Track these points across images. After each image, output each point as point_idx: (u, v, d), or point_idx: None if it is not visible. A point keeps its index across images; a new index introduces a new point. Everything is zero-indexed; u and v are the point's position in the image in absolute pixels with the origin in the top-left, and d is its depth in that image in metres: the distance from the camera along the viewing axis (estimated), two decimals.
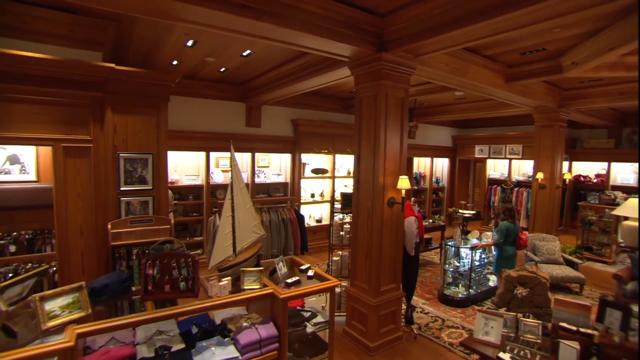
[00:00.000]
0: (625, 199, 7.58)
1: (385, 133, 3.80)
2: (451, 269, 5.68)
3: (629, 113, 9.48)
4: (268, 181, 8.01)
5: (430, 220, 7.64)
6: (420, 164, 11.34)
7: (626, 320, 2.57)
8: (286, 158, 8.25)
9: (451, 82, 5.02)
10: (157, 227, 4.18)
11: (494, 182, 10.60)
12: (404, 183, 3.66)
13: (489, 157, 10.50)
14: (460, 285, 5.73)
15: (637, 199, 5.94)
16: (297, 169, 8.07)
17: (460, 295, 5.49)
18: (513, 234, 5.07)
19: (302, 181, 8.24)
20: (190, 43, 4.41)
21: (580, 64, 4.41)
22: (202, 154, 7.08)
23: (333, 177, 8.60)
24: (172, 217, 5.50)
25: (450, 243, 5.73)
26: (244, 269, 2.80)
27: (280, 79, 5.81)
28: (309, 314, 3.24)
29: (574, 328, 2.60)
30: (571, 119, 8.87)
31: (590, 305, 2.76)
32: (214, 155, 7.35)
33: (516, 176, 10.16)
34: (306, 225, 8.31)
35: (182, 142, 6.60)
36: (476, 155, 10.81)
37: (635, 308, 2.65)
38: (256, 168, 7.84)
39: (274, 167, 8.35)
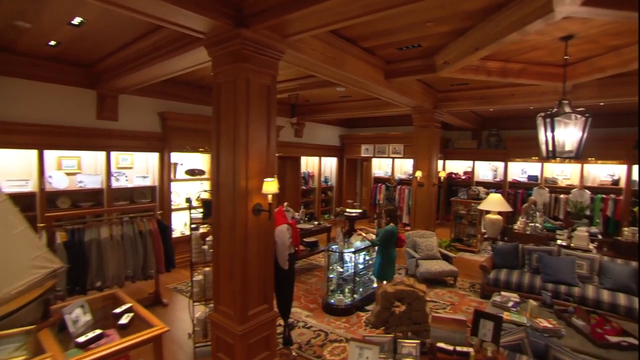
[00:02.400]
0: (487, 193, 8.35)
1: (248, 127, 3.15)
2: (332, 276, 5.33)
3: (487, 117, 10.63)
4: (131, 185, 6.71)
5: (317, 222, 7.29)
6: (309, 163, 11.07)
7: (497, 330, 2.38)
8: (154, 158, 7.04)
9: (329, 74, 4.63)
10: None
11: (379, 180, 10.90)
12: (270, 187, 3.06)
13: (374, 156, 10.75)
14: (346, 290, 5.44)
15: (497, 195, 6.47)
16: (166, 170, 6.93)
17: (345, 302, 5.18)
18: (395, 236, 4.93)
19: (174, 184, 7.14)
20: None
21: (450, 64, 4.42)
22: (34, 153, 5.49)
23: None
24: None
25: (332, 247, 5.38)
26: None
27: (133, 61, 4.73)
28: None
29: (451, 348, 2.31)
30: (444, 120, 9.51)
31: (466, 320, 2.53)
32: (52, 154, 5.81)
33: (399, 174, 10.59)
34: (181, 235, 7.25)
35: None
36: (362, 155, 10.98)
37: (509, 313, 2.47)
38: (114, 170, 6.49)
39: (138, 168, 7.05)
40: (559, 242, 6.13)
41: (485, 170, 10.76)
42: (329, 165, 11.81)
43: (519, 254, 5.81)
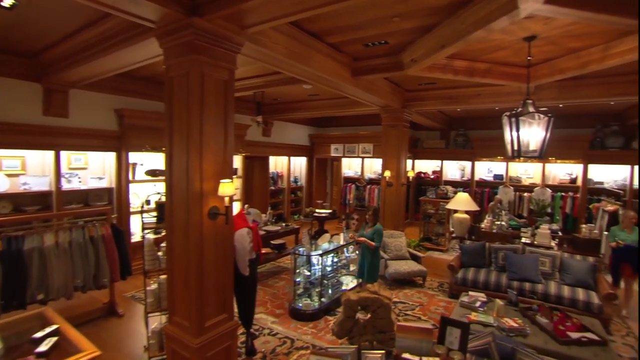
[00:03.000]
0: (455, 193, 8.45)
1: (202, 124, 2.91)
2: (299, 280, 5.16)
3: (455, 118, 10.79)
4: (85, 187, 6.25)
5: (284, 224, 7.09)
6: (278, 163, 10.85)
7: (465, 338, 2.29)
8: (111, 157, 6.60)
9: (294, 70, 4.45)
10: None
11: (349, 180, 10.82)
12: (226, 189, 2.85)
13: (344, 156, 10.67)
14: (314, 293, 5.28)
15: (464, 194, 6.52)
16: (124, 170, 6.52)
17: (313, 307, 5.01)
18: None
19: (134, 186, 6.73)
20: None
21: (418, 61, 4.35)
22: None
23: None
24: None
25: (299, 250, 5.21)
26: None
27: (81, 52, 4.36)
28: None
29: (417, 358, 2.20)
30: (413, 120, 9.55)
31: (432, 328, 2.42)
32: None
33: (369, 174, 10.55)
34: (140, 240, 6.83)
35: None
36: (332, 154, 10.87)
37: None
38: (65, 170, 6.03)
39: (94, 168, 6.60)
40: (523, 240, 6.24)
41: (453, 169, 10.92)
42: (299, 165, 11.63)
43: (485, 253, 5.87)
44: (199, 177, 2.91)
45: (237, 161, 8.69)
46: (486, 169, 10.48)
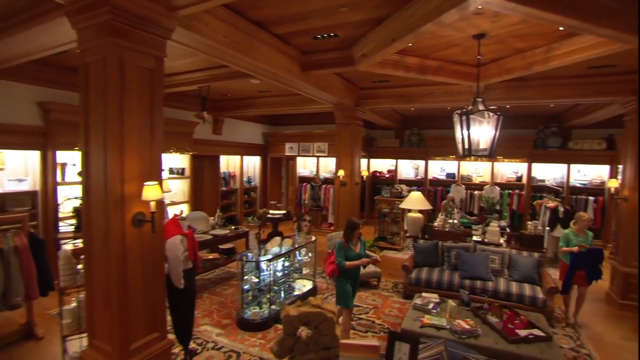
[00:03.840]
0: (409, 191, 8.48)
1: (122, 117, 2.52)
2: (247, 287, 4.83)
3: (409, 117, 10.91)
4: (0, 190, 5.50)
5: (234, 227, 6.71)
6: (230, 162, 10.37)
7: (414, 354, 2.12)
8: (34, 157, 5.86)
9: (237, 62, 4.13)
10: None
11: (304, 180, 10.58)
12: (151, 192, 2.48)
13: (299, 155, 10.41)
14: (265, 300, 4.97)
15: (417, 193, 6.51)
16: (51, 171, 5.81)
17: (261, 316, 4.70)
18: None
19: (63, 189, 6.02)
20: None
21: (369, 56, 4.19)
22: None
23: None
24: None
25: (246, 255, 4.88)
26: None
27: None
28: None
29: None
30: (367, 119, 9.47)
31: (378, 345, 2.21)
32: None
33: (324, 173, 10.37)
34: (73, 248, 6.16)
35: None
36: (287, 153, 10.58)
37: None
38: None
39: (13, 169, 5.82)
40: (474, 237, 6.33)
41: (407, 168, 11.04)
42: (253, 164, 11.22)
43: (439, 252, 5.86)
44: (119, 179, 2.52)
45: (185, 161, 8.17)
46: (439, 168, 10.69)
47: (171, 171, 8.01)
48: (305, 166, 11.00)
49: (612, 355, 4.32)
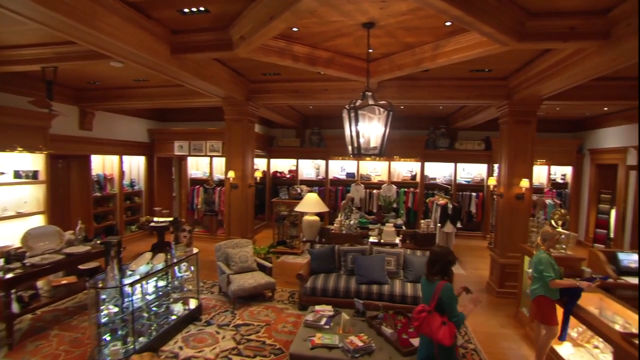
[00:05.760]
0: (309, 192, 8.13)
1: None
2: (105, 320, 3.85)
3: (309, 116, 10.64)
4: None
5: (99, 241, 5.54)
6: (107, 163, 8.84)
7: None
8: None
9: (72, 33, 3.17)
10: None
11: (197, 182, 9.54)
12: None
13: (190, 155, 9.34)
14: (130, 332, 4.02)
15: (313, 195, 6.14)
16: None
17: (125, 353, 3.78)
18: None
19: None
20: None
21: (247, 39, 3.59)
22: None
23: None
24: None
25: (99, 279, 3.90)
26: None
27: None
28: None
29: None
30: (264, 116, 8.91)
31: None
32: None
33: (218, 175, 9.47)
34: None
35: None
36: (176, 153, 9.41)
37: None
38: None
39: None
40: (371, 239, 6.19)
41: (308, 168, 10.75)
42: (137, 165, 9.77)
43: (335, 256, 5.56)
44: None
45: (39, 162, 6.55)
46: (340, 168, 10.62)
47: (17, 174, 6.34)
48: (197, 167, 9.95)
49: (493, 345, 4.45)
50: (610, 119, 8.26)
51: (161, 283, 4.64)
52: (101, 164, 8.72)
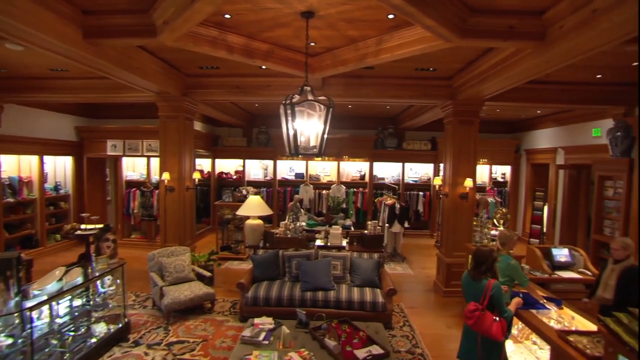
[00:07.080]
0: (256, 194, 7.73)
1: None
2: None
3: (256, 114, 10.21)
4: None
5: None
6: (24, 165, 7.82)
7: None
8: None
9: None
10: None
11: (133, 184, 8.75)
12: None
13: (125, 155, 8.54)
14: None
15: (255, 197, 5.78)
16: None
17: None
18: None
19: None
20: None
21: (170, 23, 3.17)
22: None
23: None
24: None
25: None
26: None
27: None
28: None
29: None
30: (205, 113, 8.38)
31: None
32: None
33: (156, 176, 8.75)
34: None
35: None
36: (109, 153, 8.57)
37: None
38: None
39: None
40: (317, 242, 5.95)
41: (256, 168, 10.35)
42: (62, 166, 8.77)
43: (279, 262, 5.26)
44: None
45: None
46: (288, 168, 10.32)
47: None
48: (134, 168, 9.15)
49: (439, 347, 4.39)
50: (543, 121, 8.72)
51: (77, 302, 4.06)
52: (15, 165, 7.70)
